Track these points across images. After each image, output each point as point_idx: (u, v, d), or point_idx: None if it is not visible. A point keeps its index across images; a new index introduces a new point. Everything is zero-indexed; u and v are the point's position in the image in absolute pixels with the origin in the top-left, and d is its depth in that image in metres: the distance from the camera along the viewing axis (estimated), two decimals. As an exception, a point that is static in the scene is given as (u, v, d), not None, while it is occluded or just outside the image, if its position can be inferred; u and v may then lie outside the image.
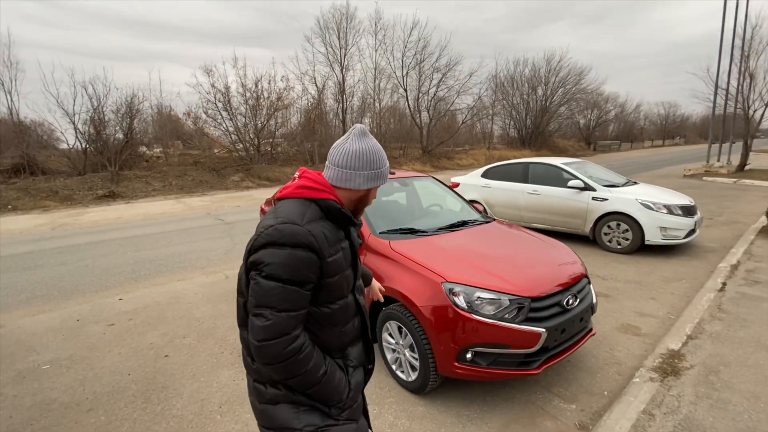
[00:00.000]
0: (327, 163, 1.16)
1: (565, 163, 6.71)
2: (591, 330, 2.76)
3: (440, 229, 3.20)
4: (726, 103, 17.00)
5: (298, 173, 1.17)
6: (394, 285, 2.64)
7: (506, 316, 2.31)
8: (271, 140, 20.05)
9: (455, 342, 2.33)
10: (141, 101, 16.42)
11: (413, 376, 2.62)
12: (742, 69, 15.64)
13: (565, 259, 2.89)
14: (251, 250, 1.02)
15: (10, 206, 11.82)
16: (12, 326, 3.92)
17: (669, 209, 5.58)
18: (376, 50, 23.79)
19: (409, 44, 24.31)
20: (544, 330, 2.30)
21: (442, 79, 24.98)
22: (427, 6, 49.37)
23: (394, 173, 3.89)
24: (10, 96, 14.58)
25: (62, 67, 25.32)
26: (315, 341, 1.11)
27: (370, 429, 1.37)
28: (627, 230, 5.74)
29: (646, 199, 5.68)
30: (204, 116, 18.43)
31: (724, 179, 14.30)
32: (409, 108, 25.46)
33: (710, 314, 3.40)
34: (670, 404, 2.27)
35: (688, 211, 5.68)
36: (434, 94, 25.32)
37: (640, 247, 5.67)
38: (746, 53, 15.34)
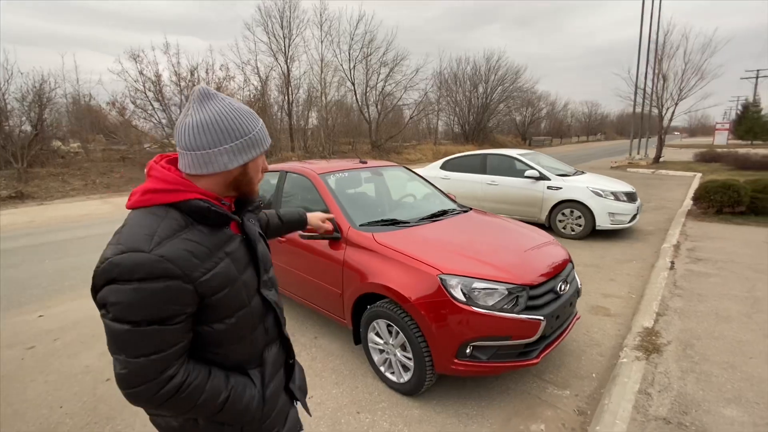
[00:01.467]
0: (177, 148, 0.89)
1: (521, 154, 6.91)
2: (576, 314, 2.77)
3: (422, 219, 3.04)
4: (643, 102, 18.88)
5: (147, 169, 0.90)
6: (381, 280, 2.42)
7: (506, 306, 2.21)
8: (210, 134, 18.60)
9: (454, 337, 2.17)
10: (53, 88, 14.38)
11: (406, 377, 2.44)
12: (657, 71, 17.43)
13: (550, 245, 2.87)
14: (93, 287, 0.81)
15: None
16: None
17: (616, 196, 5.95)
18: (322, 42, 23.14)
19: (356, 37, 24.00)
20: (542, 318, 2.23)
21: (389, 73, 25.00)
22: (356, 2, 49.03)
23: (366, 162, 3.66)
24: None
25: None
26: (221, 361, 0.94)
27: (308, 413, 1.26)
28: (580, 217, 6.03)
29: (596, 187, 6.01)
30: (132, 107, 16.63)
31: (644, 170, 15.87)
32: (357, 102, 25.16)
33: (669, 291, 3.62)
34: (661, 381, 2.32)
35: (631, 197, 6.10)
36: (382, 89, 25.27)
37: (591, 232, 6.00)
38: (659, 57, 17.11)
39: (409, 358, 2.37)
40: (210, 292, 0.85)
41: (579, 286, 2.77)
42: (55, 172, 13.67)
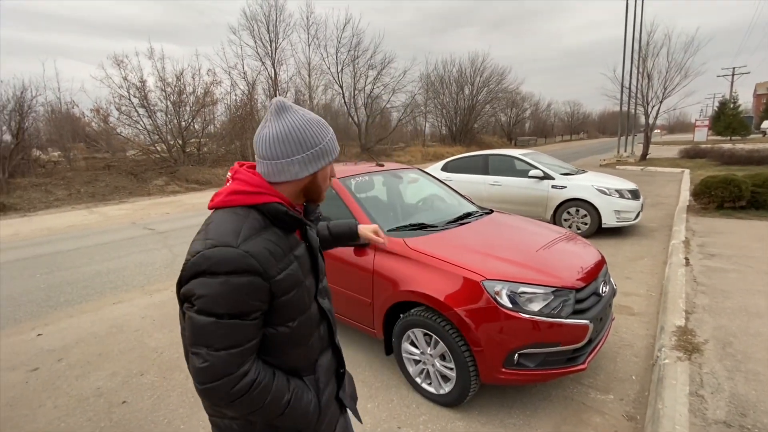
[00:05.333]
0: (256, 156, 0.96)
1: (523, 154, 6.90)
2: (613, 315, 2.71)
3: (449, 222, 2.95)
4: (629, 101, 19.27)
5: (230, 173, 0.96)
6: (416, 287, 2.32)
7: (553, 311, 2.13)
8: (198, 139, 18.25)
9: (501, 345, 2.08)
10: (34, 96, 13.86)
11: (446, 387, 2.33)
12: (641, 70, 17.83)
13: (584, 246, 2.82)
14: (180, 280, 0.86)
15: None
16: None
17: (620, 194, 5.98)
18: (309, 45, 23.00)
19: (343, 40, 23.90)
20: (589, 322, 2.16)
21: (377, 76, 24.97)
22: (343, 6, 48.95)
23: (383, 165, 3.56)
24: None
25: None
26: (279, 365, 0.96)
27: (359, 420, 1.27)
28: (585, 215, 6.04)
29: (601, 185, 6.03)
30: (117, 113, 16.16)
31: (633, 167, 16.15)
32: (346, 105, 25.05)
33: (692, 288, 3.61)
34: (711, 383, 2.27)
35: (635, 194, 6.14)
36: (370, 92, 25.22)
37: (597, 231, 6.01)
38: (644, 56, 17.51)
39: (450, 368, 2.27)
40: (280, 292, 0.89)
41: (615, 286, 2.72)
42: (38, 182, 13.16)
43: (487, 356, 2.11)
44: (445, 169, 7.65)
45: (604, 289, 2.43)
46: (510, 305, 2.09)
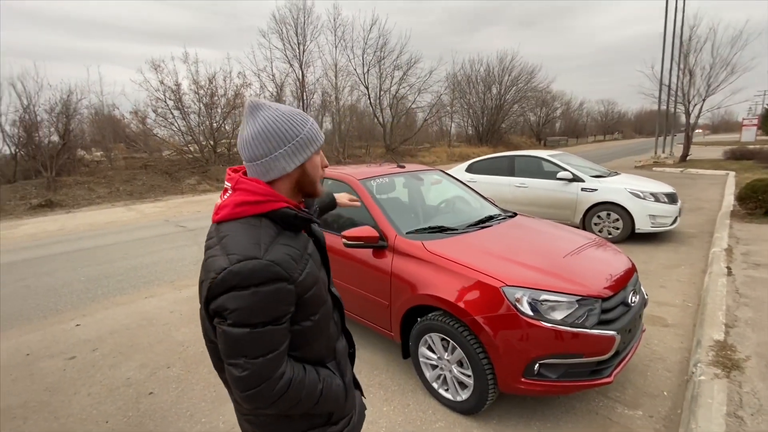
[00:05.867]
0: (244, 162, 0.96)
1: (551, 155, 6.69)
2: (643, 327, 2.58)
3: (470, 226, 2.89)
4: (668, 99, 18.30)
5: (228, 183, 0.95)
6: (435, 292, 2.29)
7: (577, 320, 2.04)
8: (229, 140, 18.84)
9: (521, 354, 2.02)
10: (79, 99, 14.72)
11: (463, 395, 2.29)
12: (682, 66, 16.89)
13: (613, 252, 2.69)
14: (208, 298, 0.85)
15: None
16: (-64, 371, 3.11)
17: (656, 197, 5.69)
18: (336, 47, 23.22)
19: (370, 41, 23.99)
20: (616, 333, 2.06)
21: (403, 76, 24.90)
22: (370, 6, 49.12)
23: (403, 167, 3.54)
24: None
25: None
26: (305, 358, 0.99)
27: (363, 397, 1.31)
28: (617, 219, 5.78)
29: (635, 188, 5.75)
30: (153, 115, 16.93)
31: (671, 169, 15.35)
32: (371, 106, 25.14)
33: (733, 300, 3.38)
34: (751, 403, 2.11)
35: (672, 198, 5.83)
36: (396, 92, 25.18)
37: (630, 236, 5.74)
38: (685, 52, 16.58)
39: (467, 376, 2.22)
40: (304, 291, 0.91)
41: (646, 296, 2.58)
42: (81, 180, 13.97)
43: (506, 365, 2.05)
44: (469, 170, 7.52)
45: (633, 298, 2.31)
46: (531, 313, 2.02)
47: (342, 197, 1.82)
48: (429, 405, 2.44)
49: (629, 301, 2.27)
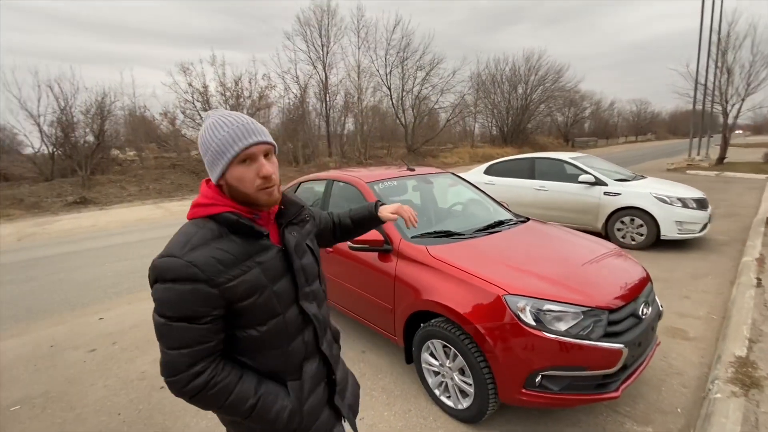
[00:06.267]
0: None
1: (573, 158, 6.50)
2: (658, 340, 2.46)
3: (478, 230, 2.85)
4: (704, 98, 17.40)
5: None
6: (436, 298, 2.26)
7: (581, 332, 1.97)
8: (253, 141, 19.27)
9: (522, 365, 1.97)
10: (113, 101, 15.45)
11: (465, 403, 2.25)
12: (720, 64, 16.03)
13: (626, 261, 2.59)
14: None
15: (-32, 216, 10.81)
16: (-29, 358, 3.33)
17: (684, 203, 5.42)
18: (359, 48, 23.37)
19: (393, 42, 24.03)
20: (623, 346, 1.98)
21: (426, 77, 24.78)
22: (393, 7, 49.05)
23: (413, 169, 3.52)
24: (-36, 97, 13.41)
25: (25, 68, 23.62)
26: (256, 367, 1.00)
27: (342, 423, 1.22)
28: (641, 225, 5.55)
29: (661, 193, 5.51)
30: (182, 116, 17.55)
31: (706, 172, 14.58)
32: (393, 107, 25.15)
33: (760, 314, 3.18)
34: (770, 425, 1.99)
35: (701, 204, 5.54)
36: (418, 93, 25.10)
37: (655, 243, 5.50)
38: (723, 49, 15.73)
39: (468, 384, 2.19)
40: (236, 298, 0.91)
41: (660, 308, 2.47)
42: (114, 178, 14.65)
43: (507, 375, 2.01)
44: (488, 172, 7.40)
45: (645, 311, 2.21)
46: (533, 323, 1.97)
47: (385, 209, 1.50)
48: (430, 411, 2.42)
49: (640, 313, 2.17)
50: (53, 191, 12.92)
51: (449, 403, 2.36)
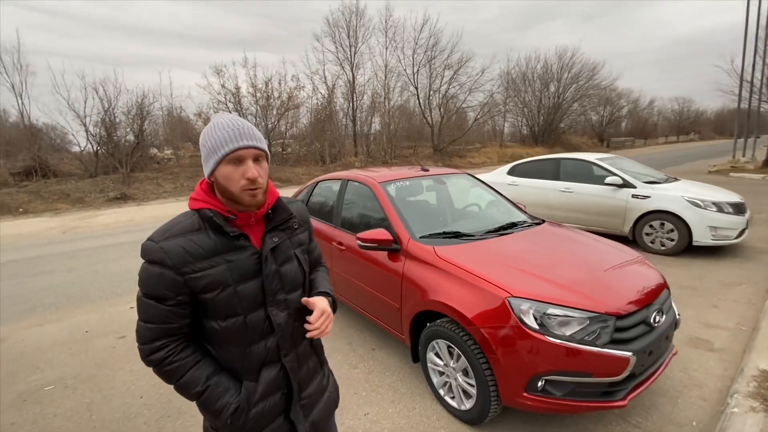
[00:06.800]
0: None
1: (600, 159, 6.27)
2: (674, 349, 2.37)
3: (488, 232, 2.83)
4: (750, 96, 16.27)
5: None
6: (441, 298, 2.28)
7: (586, 337, 1.94)
8: (281, 140, 19.79)
9: (524, 368, 1.96)
10: (152, 102, 16.27)
11: (468, 404, 2.26)
12: (767, 60, 14.95)
13: (641, 266, 2.50)
14: None
15: (21, 209, 11.70)
16: (15, 339, 3.64)
17: (719, 207, 5.13)
18: (386, 48, 23.43)
19: (420, 41, 23.93)
20: (631, 354, 1.92)
21: (453, 76, 24.53)
22: (422, 6, 48.66)
23: (428, 170, 3.53)
24: (21, 99, 14.52)
25: (72, 71, 25.33)
26: (217, 357, 1.07)
27: None
28: (672, 230, 5.29)
29: (693, 196, 5.23)
30: (214, 117, 18.23)
31: (752, 175, 13.65)
32: (420, 106, 25.05)
33: (795, 327, 2.98)
34: (792, 445, 1.88)
35: (738, 208, 5.22)
36: (446, 92, 24.88)
37: (686, 249, 5.23)
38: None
39: (471, 385, 2.19)
40: (198, 289, 0.98)
41: (677, 316, 2.37)
42: (152, 176, 15.43)
43: (508, 378, 2.00)
44: (511, 172, 7.27)
45: (658, 318, 2.14)
46: (536, 326, 1.95)
47: (317, 299, 1.14)
48: (434, 411, 2.43)
49: (652, 320, 2.10)
50: (96, 187, 13.77)
51: (453, 403, 2.36)
